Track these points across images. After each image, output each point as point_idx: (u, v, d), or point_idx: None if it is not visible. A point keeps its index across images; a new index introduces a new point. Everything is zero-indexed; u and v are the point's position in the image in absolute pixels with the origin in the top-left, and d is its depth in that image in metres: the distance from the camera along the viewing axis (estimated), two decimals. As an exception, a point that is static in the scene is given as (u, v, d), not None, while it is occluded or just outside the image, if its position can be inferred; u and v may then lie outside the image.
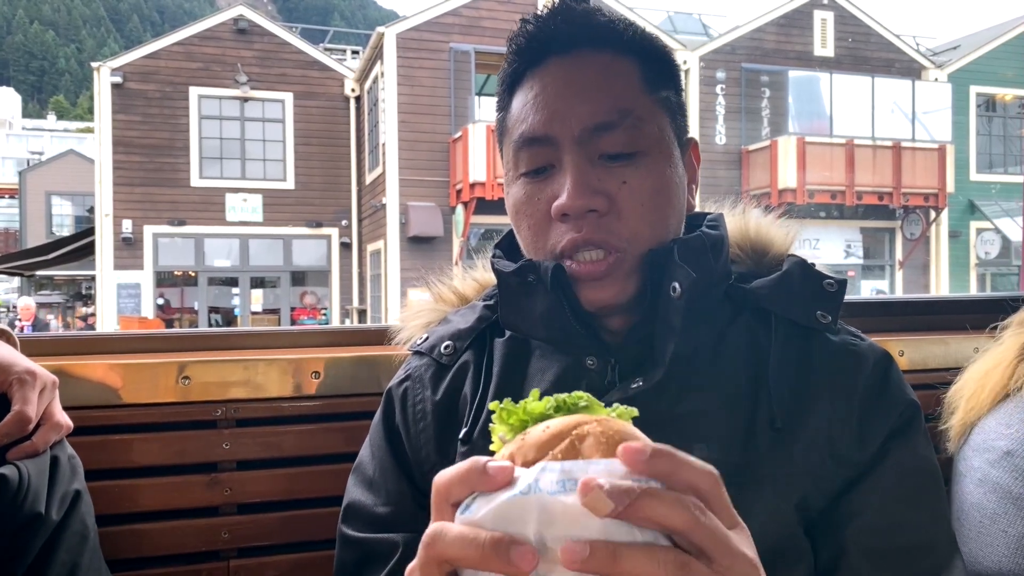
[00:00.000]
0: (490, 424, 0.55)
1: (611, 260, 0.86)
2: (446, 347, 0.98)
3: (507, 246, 1.00)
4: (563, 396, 0.54)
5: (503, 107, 0.96)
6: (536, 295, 0.90)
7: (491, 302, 1.02)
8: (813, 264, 0.95)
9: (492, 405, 0.55)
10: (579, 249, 0.87)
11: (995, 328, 1.24)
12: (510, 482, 0.48)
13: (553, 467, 0.47)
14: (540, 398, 0.54)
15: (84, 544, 0.97)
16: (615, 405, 0.55)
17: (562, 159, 0.87)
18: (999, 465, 1.11)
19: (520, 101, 0.92)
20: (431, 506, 0.52)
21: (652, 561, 0.46)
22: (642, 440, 0.49)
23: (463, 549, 0.47)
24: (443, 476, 0.51)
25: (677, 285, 0.85)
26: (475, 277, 1.15)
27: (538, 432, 0.51)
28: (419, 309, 1.15)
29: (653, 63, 0.92)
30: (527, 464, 0.49)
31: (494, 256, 0.98)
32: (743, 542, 0.51)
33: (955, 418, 1.23)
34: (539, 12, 0.92)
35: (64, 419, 1.02)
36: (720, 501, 0.51)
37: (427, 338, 1.03)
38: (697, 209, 1.00)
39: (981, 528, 1.12)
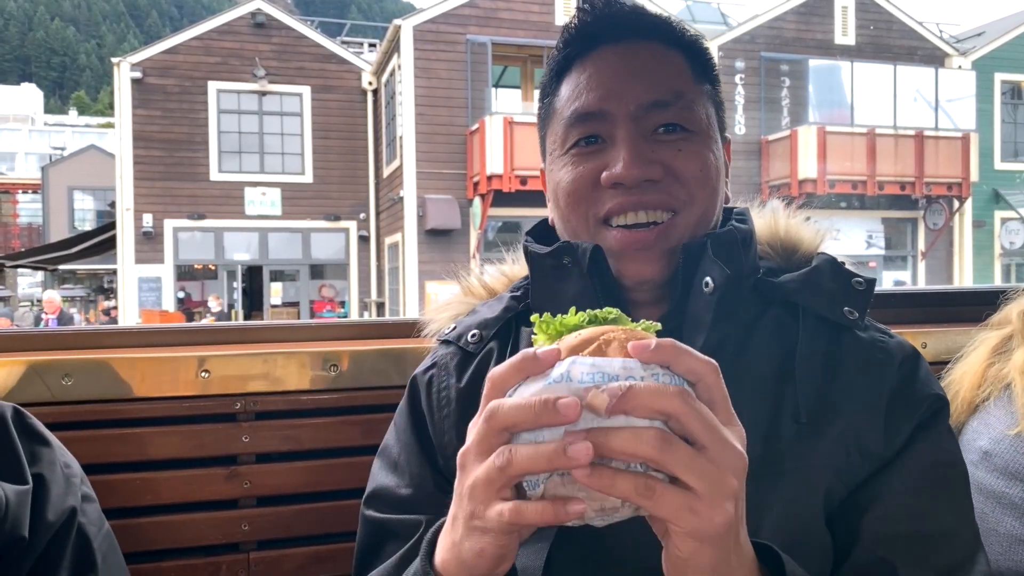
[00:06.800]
0: (532, 335, 0.64)
1: (663, 226, 0.89)
2: (472, 335, 1.00)
3: (538, 234, 1.01)
4: (596, 311, 0.63)
5: (550, 92, 0.99)
6: (569, 279, 0.92)
7: (518, 293, 1.04)
8: (843, 263, 0.96)
9: (533, 317, 0.64)
10: (628, 211, 0.89)
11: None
12: (547, 373, 0.57)
13: (583, 360, 0.56)
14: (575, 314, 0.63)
15: (89, 558, 0.95)
16: (641, 320, 0.63)
17: (615, 134, 0.90)
18: (980, 466, 1.12)
19: (571, 84, 0.94)
20: (482, 399, 0.60)
21: (636, 438, 0.54)
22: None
23: (518, 412, 0.57)
24: (498, 369, 0.60)
25: (710, 280, 0.87)
26: (503, 271, 1.16)
27: (571, 338, 0.60)
28: (447, 302, 1.17)
29: (698, 58, 0.96)
30: None
31: (526, 241, 1.00)
32: (735, 436, 0.58)
33: None
34: (592, 4, 0.95)
35: None
36: (718, 393, 0.59)
37: (455, 328, 1.04)
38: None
39: None
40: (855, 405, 0.86)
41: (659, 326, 0.62)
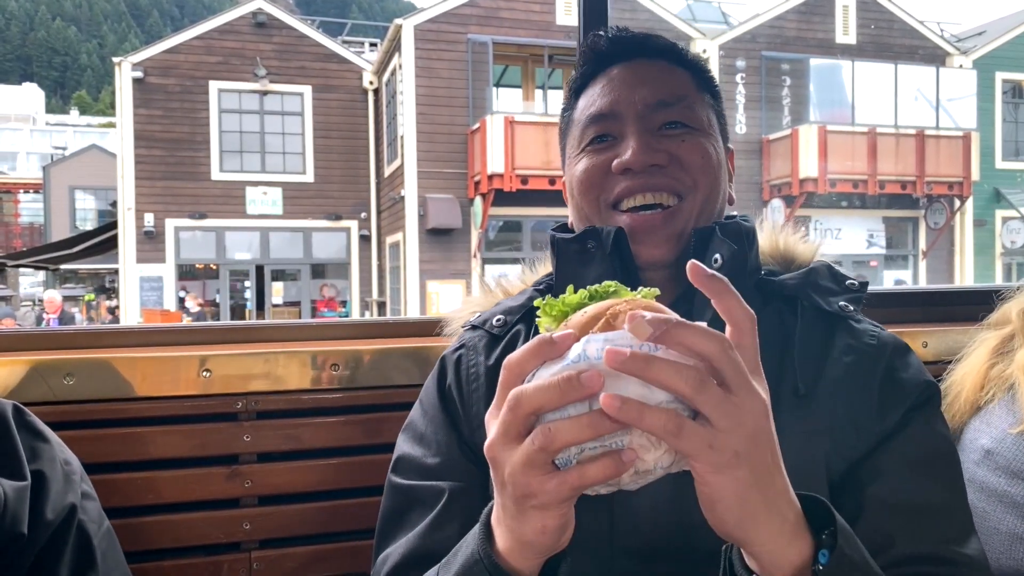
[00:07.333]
0: (536, 318, 0.66)
1: (670, 210, 0.98)
2: (498, 320, 1.07)
3: (561, 231, 1.09)
4: (595, 286, 0.64)
5: (569, 108, 1.10)
6: (592, 263, 0.99)
7: (541, 286, 1.12)
8: (839, 268, 1.05)
9: (536, 302, 0.66)
10: (635, 193, 0.98)
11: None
12: (563, 356, 0.58)
13: (596, 338, 0.57)
14: (575, 291, 0.65)
15: (89, 556, 0.95)
16: (640, 288, 0.65)
17: (624, 131, 1.01)
18: (982, 464, 1.12)
19: (587, 96, 1.06)
20: (498, 387, 0.62)
21: (677, 374, 0.56)
22: (663, 312, 0.60)
23: (543, 394, 0.58)
24: (514, 355, 0.61)
25: (719, 256, 0.95)
26: (523, 278, 1.23)
27: (578, 317, 0.61)
28: (468, 301, 1.25)
29: (700, 74, 1.08)
30: None
31: (552, 231, 1.09)
32: (758, 383, 0.60)
33: None
34: (605, 31, 1.08)
35: None
36: (750, 349, 0.61)
37: (479, 315, 1.11)
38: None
39: None
40: (849, 385, 0.92)
41: (657, 291, 0.64)
